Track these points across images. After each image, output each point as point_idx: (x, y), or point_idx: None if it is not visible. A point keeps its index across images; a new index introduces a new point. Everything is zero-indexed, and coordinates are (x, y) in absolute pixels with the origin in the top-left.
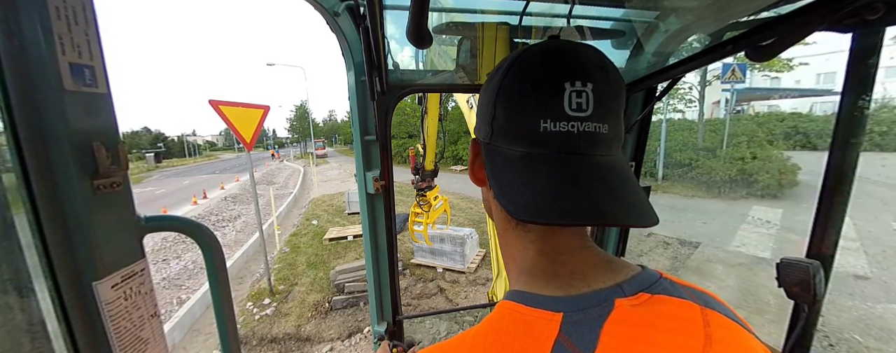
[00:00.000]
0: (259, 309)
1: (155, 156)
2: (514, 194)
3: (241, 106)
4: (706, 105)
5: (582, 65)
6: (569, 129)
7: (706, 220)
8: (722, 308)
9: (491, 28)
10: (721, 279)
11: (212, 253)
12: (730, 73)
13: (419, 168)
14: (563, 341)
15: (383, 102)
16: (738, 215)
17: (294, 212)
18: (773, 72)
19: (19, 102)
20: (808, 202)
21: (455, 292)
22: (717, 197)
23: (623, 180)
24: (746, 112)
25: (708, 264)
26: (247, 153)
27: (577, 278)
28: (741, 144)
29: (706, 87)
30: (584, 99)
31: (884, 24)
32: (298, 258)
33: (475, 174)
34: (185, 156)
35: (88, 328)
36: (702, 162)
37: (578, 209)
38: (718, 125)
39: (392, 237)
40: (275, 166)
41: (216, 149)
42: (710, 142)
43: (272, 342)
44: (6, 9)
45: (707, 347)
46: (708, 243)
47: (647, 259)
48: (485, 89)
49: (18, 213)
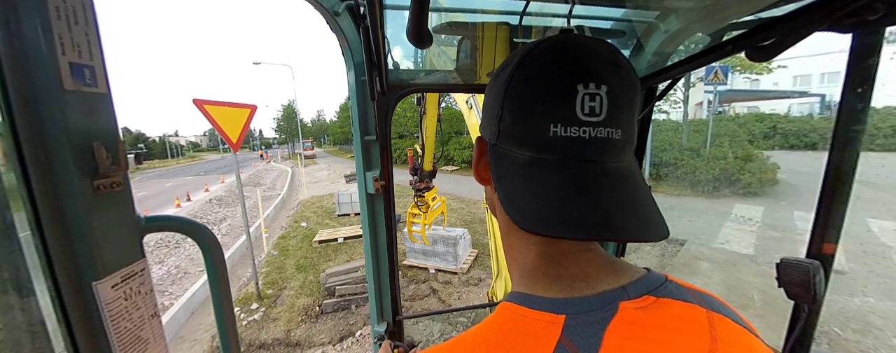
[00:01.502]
0: (247, 314)
1: (136, 157)
2: (520, 202)
3: (227, 105)
4: (690, 106)
5: (594, 64)
6: (580, 134)
7: (691, 217)
8: (728, 312)
9: (491, 28)
10: (707, 276)
11: (212, 253)
12: (712, 75)
13: (417, 168)
14: (564, 344)
15: (383, 102)
16: (721, 213)
17: (282, 214)
18: (754, 74)
19: (19, 102)
20: (787, 200)
21: (448, 293)
22: (701, 195)
23: (633, 188)
24: (727, 113)
25: (694, 261)
26: (232, 154)
27: (579, 280)
28: (723, 144)
29: (690, 88)
30: (598, 103)
31: (884, 24)
32: (287, 261)
33: (479, 173)
34: (167, 157)
35: (88, 328)
36: (686, 161)
37: (587, 221)
38: (701, 126)
39: (392, 237)
40: (262, 167)
41: (200, 150)
42: (693, 142)
43: (261, 347)
44: (6, 9)
45: (713, 351)
46: (693, 241)
47: (636, 257)
48: (490, 88)
49: (18, 213)
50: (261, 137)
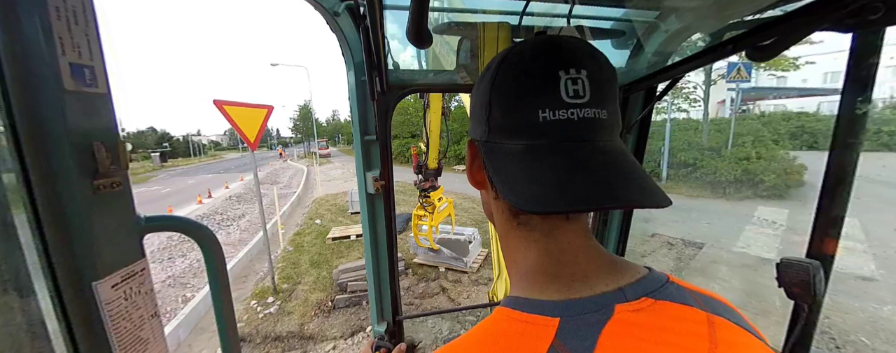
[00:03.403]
0: (263, 308)
1: (160, 155)
2: (519, 188)
3: (245, 106)
4: (712, 104)
5: (572, 53)
6: (569, 116)
7: (711, 220)
8: (731, 315)
9: (492, 28)
10: (725, 280)
11: (212, 253)
12: (735, 72)
13: (422, 165)
14: (557, 347)
15: (383, 102)
16: (742, 216)
17: (297, 211)
18: (780, 71)
19: (19, 102)
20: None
21: (458, 291)
22: (722, 197)
23: (630, 164)
24: (752, 112)
25: (713, 265)
26: (251, 153)
27: (578, 280)
28: (746, 143)
29: (711, 86)
30: (581, 86)
31: (884, 24)
32: (302, 257)
33: (474, 177)
34: (190, 155)
35: (88, 328)
36: (706, 162)
37: (590, 195)
38: (723, 125)
39: (392, 237)
40: (279, 166)
41: (221, 149)
42: (714, 142)
43: (276, 340)
44: (6, 9)
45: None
46: (712, 244)
47: (651, 260)
48: (476, 90)
49: (18, 213)
50: (278, 137)
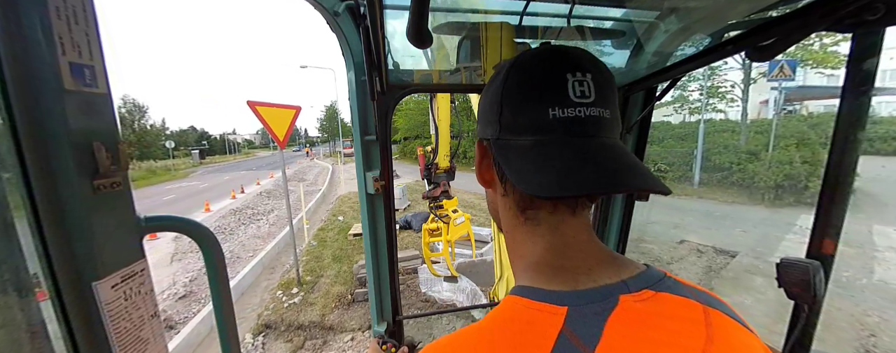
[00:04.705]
0: (288, 298)
1: (199, 153)
2: (530, 177)
3: (275, 107)
4: (753, 104)
5: (578, 58)
6: (576, 114)
7: (746, 228)
8: (724, 308)
9: (495, 28)
10: (760, 292)
11: (212, 253)
12: (777, 70)
13: (430, 167)
14: (567, 334)
15: (383, 102)
16: (783, 224)
17: (322, 208)
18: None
19: (19, 102)
20: (866, 212)
21: None
22: (760, 204)
23: (632, 157)
24: (798, 112)
25: (746, 275)
26: (280, 151)
27: (583, 273)
28: (789, 146)
29: (751, 85)
30: (586, 87)
31: (884, 24)
32: (325, 252)
33: (482, 175)
34: (225, 153)
35: (88, 329)
36: (743, 166)
37: (599, 180)
38: (765, 126)
39: (392, 237)
40: (306, 164)
41: (253, 147)
42: (754, 144)
43: (299, 328)
44: (6, 9)
45: (708, 345)
46: (747, 253)
47: (679, 267)
48: (486, 93)
49: (18, 213)
50: (306, 136)
